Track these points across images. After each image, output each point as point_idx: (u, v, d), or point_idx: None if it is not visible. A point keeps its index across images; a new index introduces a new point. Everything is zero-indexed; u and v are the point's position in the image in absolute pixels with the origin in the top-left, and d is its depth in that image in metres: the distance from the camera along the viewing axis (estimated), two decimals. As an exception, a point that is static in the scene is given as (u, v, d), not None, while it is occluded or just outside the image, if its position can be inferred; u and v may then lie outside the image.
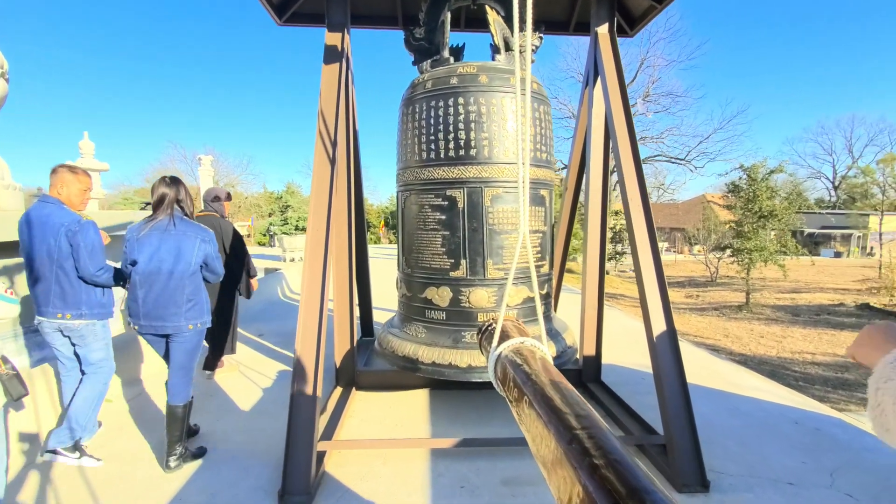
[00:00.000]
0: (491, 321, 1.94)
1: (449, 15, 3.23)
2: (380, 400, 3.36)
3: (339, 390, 3.36)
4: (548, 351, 1.67)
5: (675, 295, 13.93)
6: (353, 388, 3.44)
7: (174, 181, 2.56)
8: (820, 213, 35.78)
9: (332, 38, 3.16)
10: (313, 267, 2.63)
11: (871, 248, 31.65)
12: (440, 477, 2.38)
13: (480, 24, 3.93)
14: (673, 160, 25.38)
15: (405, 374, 3.56)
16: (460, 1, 3.32)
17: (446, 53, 3.22)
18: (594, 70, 3.55)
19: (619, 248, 18.06)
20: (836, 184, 41.77)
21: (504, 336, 1.74)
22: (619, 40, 3.57)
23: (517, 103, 1.70)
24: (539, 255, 3.12)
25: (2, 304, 2.09)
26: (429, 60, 3.31)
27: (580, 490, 0.91)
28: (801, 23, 69.54)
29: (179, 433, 2.44)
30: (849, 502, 2.19)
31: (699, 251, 20.27)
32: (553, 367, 1.51)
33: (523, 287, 3.03)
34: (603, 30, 3.54)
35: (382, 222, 31.89)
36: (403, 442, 2.57)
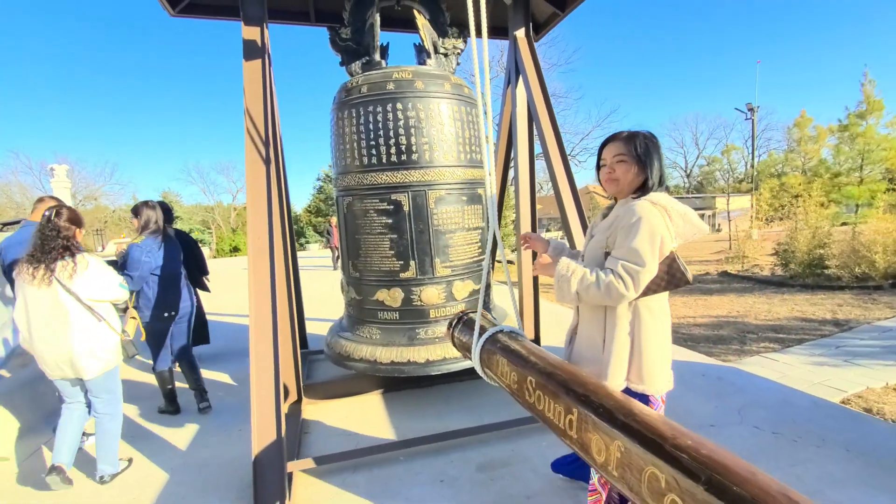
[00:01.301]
0: (463, 313, 2.03)
1: (378, 17, 3.21)
2: (334, 410, 3.26)
3: (287, 406, 3.18)
4: (524, 335, 1.82)
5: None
6: (303, 402, 3.28)
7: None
8: (679, 197, 41.71)
9: (251, 33, 2.98)
10: (259, 278, 2.48)
11: (719, 225, 37.75)
12: (418, 475, 2.40)
13: (404, 24, 3.98)
14: (538, 157, 27.72)
15: (355, 381, 3.51)
16: (385, 2, 3.32)
17: (378, 56, 3.21)
18: (515, 69, 3.81)
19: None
20: (688, 172, 48.86)
21: (473, 325, 1.84)
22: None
23: (482, 126, 1.79)
24: (481, 251, 3.26)
25: (120, 289, 2.49)
26: (358, 62, 3.27)
27: (619, 444, 1.03)
28: (650, 27, 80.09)
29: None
30: (757, 433, 2.67)
31: (591, 237, 22.49)
32: (537, 346, 1.64)
33: (469, 281, 3.15)
34: (520, 34, 3.81)
35: None
36: (378, 449, 2.53)
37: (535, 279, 3.90)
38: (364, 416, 3.16)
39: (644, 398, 1.54)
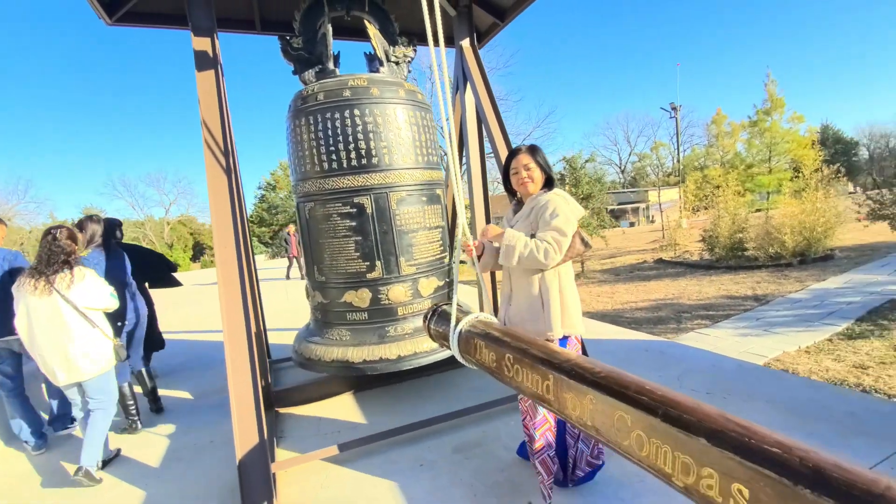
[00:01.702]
0: (436, 306, 2.19)
1: (330, 28, 3.29)
2: (306, 414, 3.30)
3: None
4: (495, 319, 2.01)
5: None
6: (275, 411, 3.29)
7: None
8: (616, 192, 44.21)
9: (201, 43, 2.98)
10: (229, 286, 2.50)
11: (653, 216, 40.41)
12: (396, 464, 2.52)
13: (354, 33, 4.08)
14: (489, 156, 28.56)
15: (326, 384, 3.56)
16: (335, 12, 3.41)
17: (332, 65, 3.29)
18: (463, 76, 4.02)
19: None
20: (623, 168, 51.92)
21: (447, 316, 2.00)
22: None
23: (447, 129, 1.97)
24: (442, 248, 3.43)
25: (111, 298, 2.72)
26: (312, 70, 3.34)
27: (591, 398, 1.24)
28: (582, 32, 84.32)
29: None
30: (693, 394, 2.99)
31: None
32: (510, 328, 1.83)
33: (433, 278, 3.31)
34: (465, 44, 4.03)
35: None
36: (358, 442, 2.61)
37: (493, 275, 4.12)
38: (338, 417, 3.22)
39: (565, 340, 2.01)
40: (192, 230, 40.89)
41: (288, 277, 12.44)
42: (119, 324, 3.18)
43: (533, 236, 1.95)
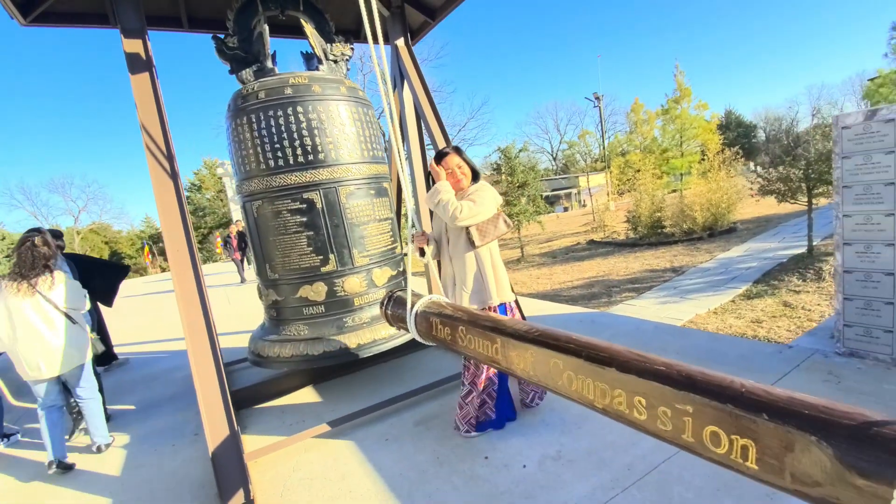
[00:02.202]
0: (391, 293, 2.39)
1: (267, 27, 3.32)
2: (268, 411, 3.36)
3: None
4: (446, 299, 2.25)
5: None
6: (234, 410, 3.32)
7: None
8: (548, 178, 46.22)
9: (133, 45, 2.91)
10: (185, 285, 2.54)
11: (584, 200, 42.81)
12: (364, 441, 2.70)
13: (290, 31, 4.10)
14: (429, 147, 28.99)
15: (284, 379, 3.64)
16: (269, 12, 3.44)
17: (270, 63, 3.33)
18: (400, 74, 4.18)
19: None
20: (555, 156, 54.29)
21: (405, 301, 2.22)
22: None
23: (392, 126, 2.16)
24: (393, 239, 3.61)
25: (85, 299, 3.00)
26: (250, 69, 3.35)
27: (532, 352, 1.51)
28: (509, 23, 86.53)
29: None
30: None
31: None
32: (459, 305, 2.08)
33: (386, 267, 3.49)
34: (400, 43, 4.19)
35: (147, 249, 26.54)
36: (327, 425, 2.76)
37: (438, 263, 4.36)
38: (300, 409, 3.33)
39: (504, 307, 2.48)
40: (106, 239, 37.36)
41: (244, 280, 11.62)
42: None
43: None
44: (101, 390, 3.32)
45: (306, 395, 3.56)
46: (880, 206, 2.80)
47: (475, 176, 2.52)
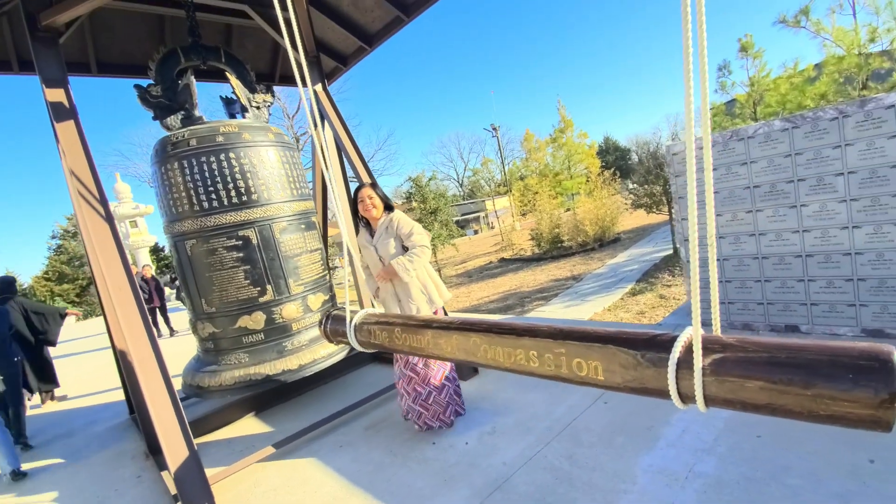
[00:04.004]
0: (328, 311, 2.71)
1: (193, 78, 3.52)
2: (211, 444, 3.39)
3: (157, 459, 3.18)
4: (379, 310, 2.64)
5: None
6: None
7: None
8: (458, 204, 48.34)
9: (56, 94, 2.97)
10: (131, 321, 2.60)
11: (492, 223, 45.37)
12: (319, 451, 2.92)
13: (210, 75, 4.29)
14: (352, 179, 29.19)
15: (224, 412, 3.70)
16: (192, 62, 3.64)
17: (197, 112, 3.52)
18: (320, 115, 4.55)
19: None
20: (461, 182, 56.97)
21: (342, 318, 2.56)
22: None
23: (317, 165, 2.55)
24: (323, 267, 3.89)
25: None
26: (175, 117, 3.51)
27: (455, 338, 1.96)
28: (407, 59, 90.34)
29: None
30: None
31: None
32: (389, 313, 2.48)
33: (319, 293, 3.76)
34: (318, 88, 4.58)
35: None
36: (282, 443, 2.92)
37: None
38: (246, 438, 3.41)
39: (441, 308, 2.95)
40: None
41: (173, 332, 9.59)
42: None
43: (405, 248, 2.81)
44: (8, 425, 3.58)
45: (249, 423, 3.63)
46: (701, 210, 3.76)
47: (387, 207, 2.89)
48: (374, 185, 2.93)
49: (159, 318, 9.52)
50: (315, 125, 1.86)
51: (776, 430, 2.31)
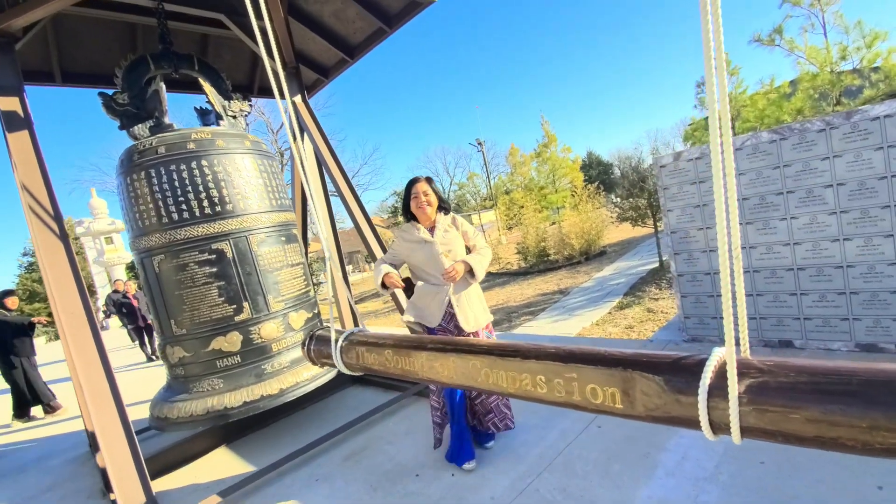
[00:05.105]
0: (311, 332, 2.53)
1: (163, 84, 3.35)
2: (179, 479, 3.13)
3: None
4: (367, 329, 2.46)
5: (373, 304, 16.30)
6: (139, 483, 3.04)
7: None
8: (445, 218, 48.33)
9: (9, 104, 2.77)
10: (84, 351, 2.38)
11: (478, 236, 45.45)
12: (291, 486, 2.70)
13: (183, 86, 4.12)
14: (332, 194, 28.98)
15: (190, 443, 3.44)
16: (162, 70, 3.47)
17: (168, 119, 3.34)
18: (300, 127, 4.40)
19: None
20: (447, 196, 57.08)
21: (327, 338, 2.39)
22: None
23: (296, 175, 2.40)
24: (306, 282, 3.70)
25: None
26: (143, 125, 3.33)
27: (453, 359, 1.80)
28: (390, 74, 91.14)
29: None
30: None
31: (380, 265, 24.26)
32: (376, 333, 2.30)
33: (302, 311, 3.56)
34: (298, 99, 4.44)
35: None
36: (252, 478, 2.69)
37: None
38: (216, 470, 3.16)
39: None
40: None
41: (151, 357, 8.61)
42: None
43: (467, 248, 2.58)
44: None
45: (220, 456, 3.38)
46: (693, 223, 3.70)
47: (441, 207, 2.57)
48: (430, 180, 2.59)
49: (146, 340, 8.74)
50: (294, 137, 1.73)
51: (779, 456, 2.18)
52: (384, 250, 4.15)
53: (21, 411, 5.54)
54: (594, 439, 2.61)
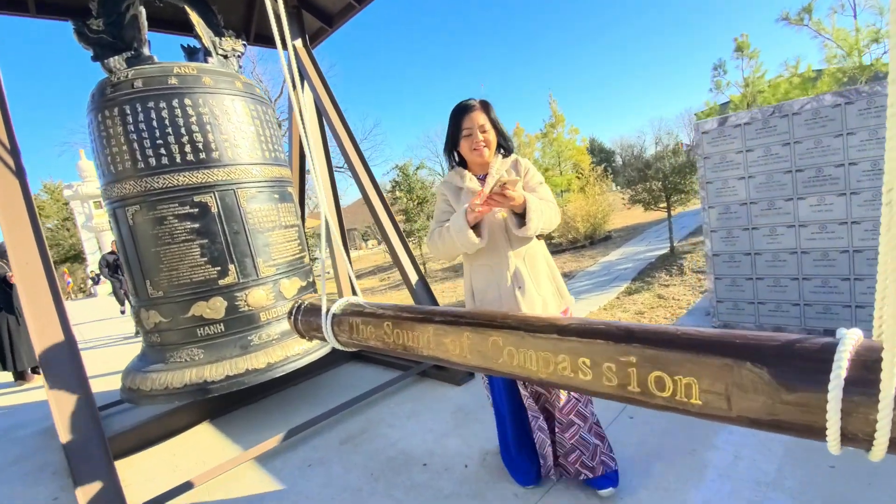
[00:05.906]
0: (298, 301, 2.16)
1: (143, 9, 2.90)
2: (155, 457, 2.80)
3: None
4: (362, 300, 2.09)
5: (370, 282, 15.96)
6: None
7: None
8: (444, 199, 47.65)
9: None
10: (39, 308, 2.01)
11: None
12: (282, 471, 2.37)
13: (168, 25, 3.65)
14: (336, 169, 28.36)
15: (169, 418, 3.11)
16: (143, -5, 3.01)
17: (147, 51, 2.90)
18: (300, 75, 3.96)
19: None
20: (447, 177, 56.20)
21: (317, 307, 2.02)
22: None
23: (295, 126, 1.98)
24: (301, 247, 3.32)
25: None
26: (119, 57, 2.89)
27: (468, 334, 1.44)
28: (394, 47, 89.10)
29: None
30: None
31: (374, 244, 23.81)
32: (374, 302, 1.93)
33: (295, 278, 3.19)
34: (298, 44, 3.99)
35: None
36: (233, 462, 2.36)
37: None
38: (198, 449, 2.83)
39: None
40: None
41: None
42: None
43: None
44: None
45: (202, 433, 3.05)
46: (735, 196, 3.32)
47: (502, 145, 1.81)
48: (487, 107, 1.72)
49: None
50: (294, 85, 1.34)
51: (852, 460, 1.86)
52: (390, 216, 3.77)
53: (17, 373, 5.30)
54: (628, 431, 2.29)
